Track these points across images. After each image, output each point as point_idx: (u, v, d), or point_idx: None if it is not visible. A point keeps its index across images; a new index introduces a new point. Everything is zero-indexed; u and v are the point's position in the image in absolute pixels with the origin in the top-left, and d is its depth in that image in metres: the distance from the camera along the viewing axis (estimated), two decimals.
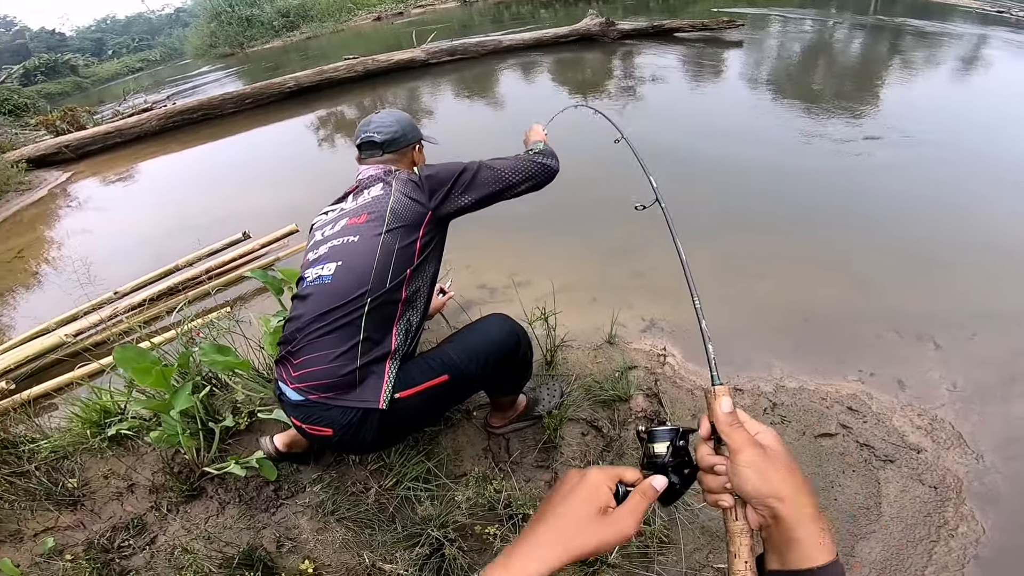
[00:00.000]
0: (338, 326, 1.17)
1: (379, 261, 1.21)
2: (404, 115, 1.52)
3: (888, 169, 3.28)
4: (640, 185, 1.16)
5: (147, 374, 1.48)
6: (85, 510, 1.57)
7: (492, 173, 1.36)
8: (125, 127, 6.83)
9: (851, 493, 1.50)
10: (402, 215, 1.27)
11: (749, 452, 0.51)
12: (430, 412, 1.32)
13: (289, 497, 1.54)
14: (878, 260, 2.47)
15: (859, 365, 1.90)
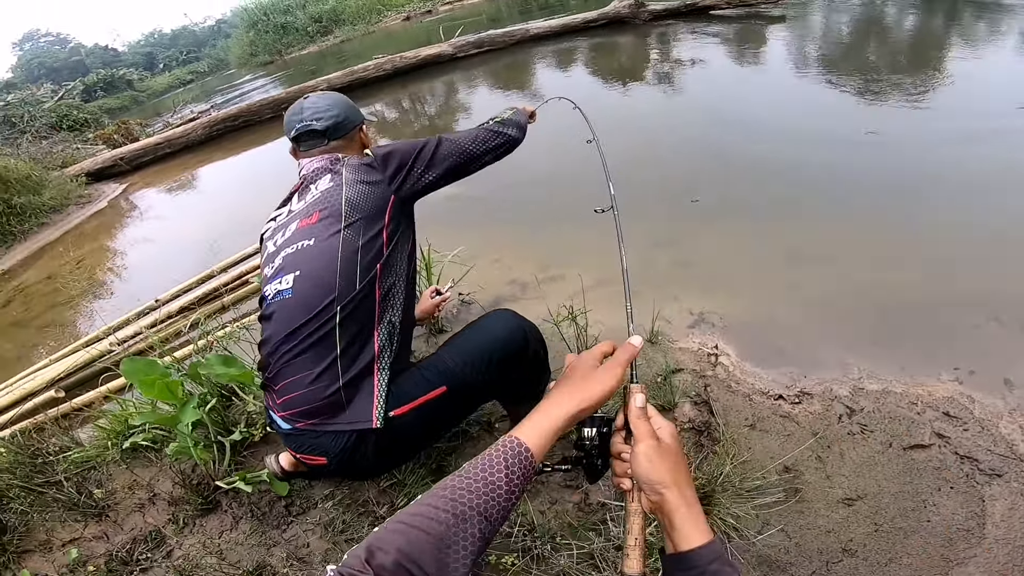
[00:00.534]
0: (310, 343, 1.04)
1: (343, 261, 1.07)
2: (340, 96, 1.38)
3: (962, 144, 2.87)
4: (690, 174, 0.99)
5: (152, 387, 1.47)
6: (109, 521, 1.57)
7: (453, 146, 1.27)
8: (173, 137, 7.11)
9: (947, 513, 1.27)
10: (361, 205, 1.14)
11: (647, 442, 0.60)
12: (433, 429, 1.18)
13: (300, 514, 1.49)
14: (966, 240, 2.14)
15: (955, 362, 1.61)
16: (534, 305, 2.14)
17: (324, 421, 1.04)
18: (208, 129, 7.11)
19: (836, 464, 1.39)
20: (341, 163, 1.24)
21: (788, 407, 1.56)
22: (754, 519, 1.28)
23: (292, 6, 20.86)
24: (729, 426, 1.51)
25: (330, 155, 1.29)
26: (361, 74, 7.31)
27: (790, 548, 1.26)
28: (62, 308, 3.52)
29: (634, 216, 2.72)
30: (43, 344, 3.03)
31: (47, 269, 4.35)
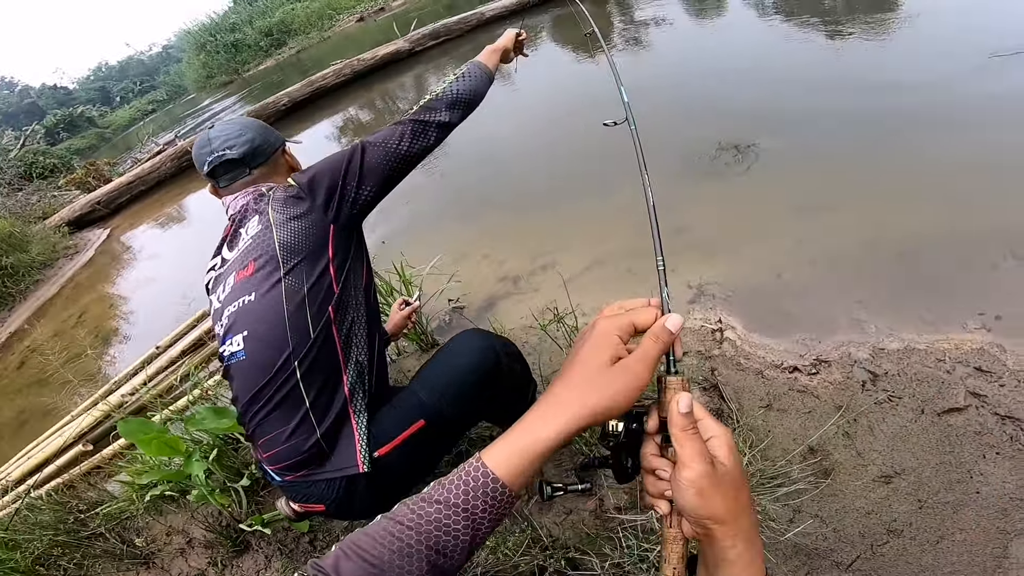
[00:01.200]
0: (276, 402, 0.99)
1: (291, 315, 0.99)
2: (250, 119, 1.25)
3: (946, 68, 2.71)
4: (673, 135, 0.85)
5: (150, 445, 1.51)
6: (156, 567, 1.66)
7: (380, 151, 1.11)
8: (144, 173, 6.98)
9: (997, 482, 1.17)
10: (296, 245, 1.03)
11: (696, 468, 0.44)
12: (420, 462, 1.12)
13: (324, 547, 1.51)
14: (967, 171, 2.00)
15: (977, 307, 1.49)
16: (528, 300, 2.04)
17: (312, 472, 1.02)
18: (176, 161, 6.98)
19: (866, 439, 1.29)
20: (265, 198, 1.11)
21: (805, 379, 1.45)
22: (783, 509, 1.20)
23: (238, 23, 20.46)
24: (743, 411, 1.41)
25: (254, 188, 1.17)
26: (321, 83, 7.11)
27: (827, 535, 1.18)
28: (72, 364, 3.49)
29: (621, 183, 2.65)
30: (67, 398, 3.06)
31: (51, 326, 4.36)
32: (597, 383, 0.47)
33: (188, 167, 6.93)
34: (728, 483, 0.45)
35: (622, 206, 2.47)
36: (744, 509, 0.46)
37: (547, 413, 0.47)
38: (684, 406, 0.46)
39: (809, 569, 1.13)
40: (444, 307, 2.21)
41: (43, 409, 3.06)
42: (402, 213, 3.24)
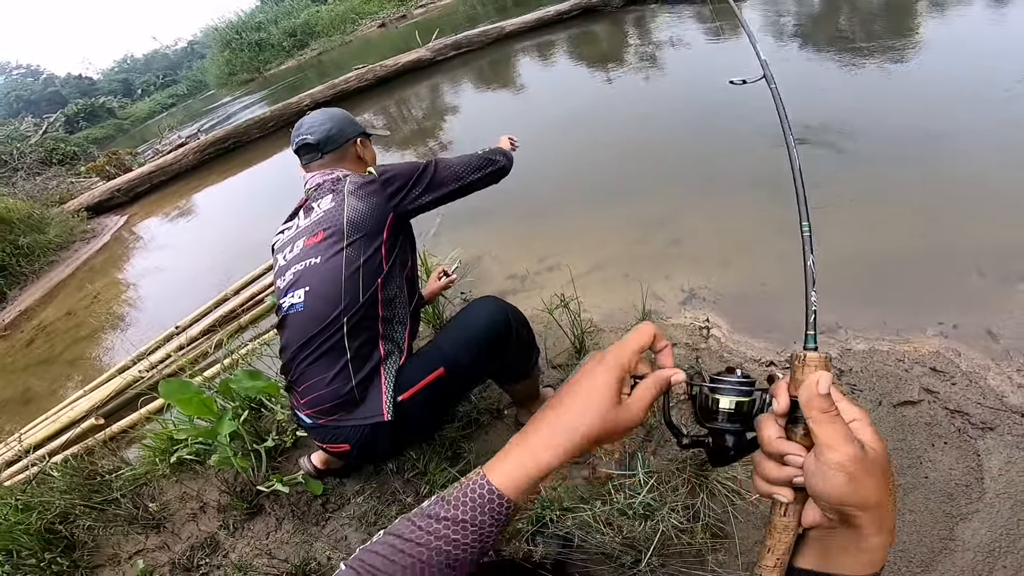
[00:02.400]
0: (324, 351, 1.18)
1: (347, 279, 1.19)
2: (338, 111, 1.45)
3: (944, 102, 2.92)
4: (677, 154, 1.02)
5: (190, 404, 1.62)
6: (167, 531, 1.71)
7: (449, 172, 1.34)
8: (165, 164, 7.15)
9: (944, 469, 1.31)
10: (360, 224, 1.23)
11: (846, 452, 0.41)
12: (437, 408, 1.29)
13: (336, 510, 1.60)
14: (946, 193, 2.19)
15: (938, 316, 1.66)
16: (535, 295, 2.20)
17: (343, 417, 1.18)
18: (199, 154, 7.15)
19: None
20: (343, 182, 1.30)
21: (780, 373, 1.60)
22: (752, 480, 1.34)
23: (264, 22, 20.82)
24: None
25: (329, 171, 1.36)
26: (343, 86, 7.34)
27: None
28: (85, 342, 3.61)
29: (626, 198, 2.83)
30: (74, 378, 3.15)
31: (65, 306, 4.45)
32: (605, 415, 0.48)
33: (210, 160, 7.12)
34: (879, 468, 0.42)
35: (622, 215, 2.66)
36: (889, 496, 0.43)
37: (553, 436, 0.48)
38: (824, 386, 0.43)
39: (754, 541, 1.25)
40: (457, 298, 2.38)
41: (50, 388, 3.14)
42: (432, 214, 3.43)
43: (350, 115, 1.46)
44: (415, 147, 4.90)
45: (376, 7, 19.32)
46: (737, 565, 1.22)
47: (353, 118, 1.45)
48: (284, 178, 5.92)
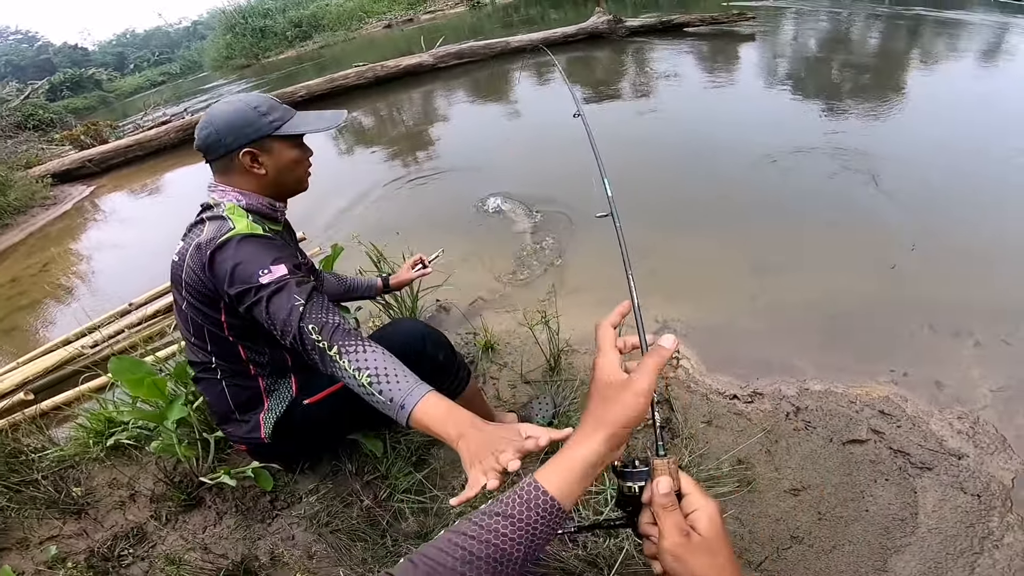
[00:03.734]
0: (202, 376, 1.23)
1: (196, 333, 1.17)
2: (232, 107, 1.09)
3: (913, 162, 3.12)
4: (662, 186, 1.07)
5: (140, 385, 1.50)
6: (89, 518, 1.59)
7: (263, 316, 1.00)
8: (145, 140, 6.98)
9: (884, 503, 1.39)
10: (194, 290, 1.08)
11: (672, 540, 0.52)
12: (346, 415, 1.27)
13: (285, 508, 1.54)
14: (907, 252, 2.32)
15: (891, 364, 1.76)
16: (507, 310, 2.21)
17: (230, 432, 1.27)
18: (182, 132, 7.01)
19: (783, 457, 1.51)
20: (200, 232, 1.08)
21: (741, 406, 1.68)
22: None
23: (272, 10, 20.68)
24: (688, 422, 1.62)
25: (212, 187, 1.16)
26: (342, 82, 7.34)
27: (744, 535, 1.36)
28: (26, 311, 3.44)
29: (601, 225, 2.85)
30: (5, 350, 2.97)
31: (10, 272, 4.24)
32: (612, 400, 0.55)
33: (191, 140, 6.94)
34: (704, 550, 0.51)
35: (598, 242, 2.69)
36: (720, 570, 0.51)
37: (582, 432, 0.55)
38: (663, 489, 0.54)
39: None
40: (432, 304, 2.37)
41: None
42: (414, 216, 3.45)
43: (252, 109, 1.09)
44: (393, 151, 4.90)
45: (385, 7, 19.45)
46: None
47: (256, 114, 1.09)
48: None
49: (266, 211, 1.17)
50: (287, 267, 1.02)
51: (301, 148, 1.19)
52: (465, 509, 1.37)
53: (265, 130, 1.09)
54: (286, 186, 1.19)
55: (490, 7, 16.95)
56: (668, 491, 0.54)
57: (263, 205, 1.16)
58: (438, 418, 0.86)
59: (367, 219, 3.56)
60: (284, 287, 0.99)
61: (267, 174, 1.13)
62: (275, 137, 1.11)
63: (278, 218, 1.22)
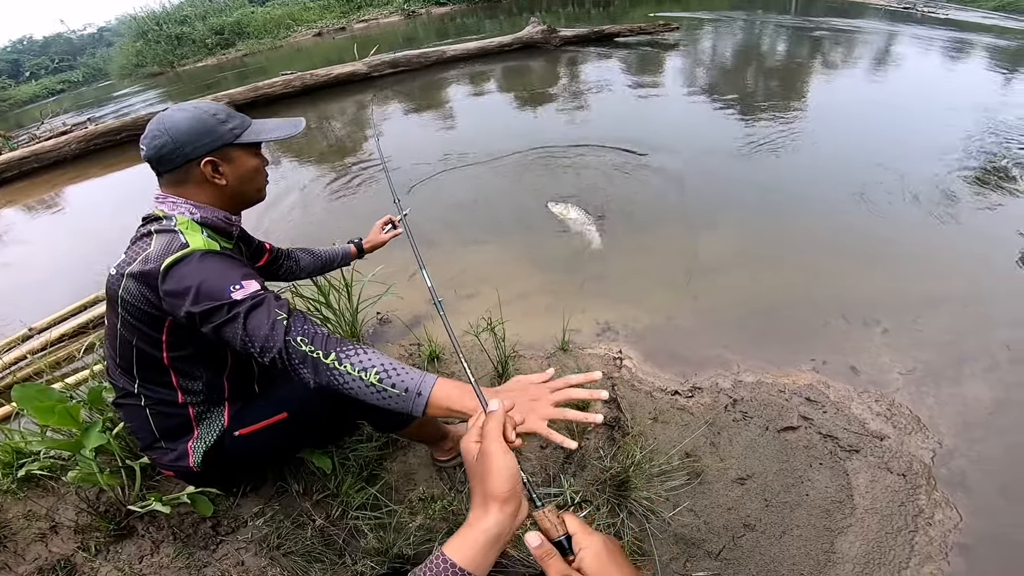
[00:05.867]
0: (125, 402, 1.14)
1: (124, 358, 1.08)
2: (188, 114, 1.02)
3: (820, 165, 3.41)
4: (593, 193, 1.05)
5: (50, 413, 1.39)
6: (8, 552, 1.48)
7: (236, 331, 0.91)
8: (42, 151, 6.29)
9: (822, 487, 1.47)
10: (132, 310, 0.99)
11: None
12: (282, 448, 1.22)
13: (229, 533, 1.45)
14: (819, 251, 2.53)
15: (811, 354, 1.90)
16: (452, 319, 2.15)
17: (155, 459, 1.18)
18: (84, 143, 6.37)
19: (727, 448, 1.57)
20: (143, 247, 1.00)
21: (683, 400, 1.74)
22: (665, 501, 1.42)
23: (190, 16, 19.37)
24: (636, 420, 1.66)
25: (162, 198, 1.07)
26: (267, 90, 6.95)
27: (700, 526, 1.40)
28: None
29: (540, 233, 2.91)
30: None
31: None
32: (483, 472, 0.61)
33: (97, 151, 6.38)
34: None
35: (539, 250, 2.74)
36: None
37: (476, 509, 0.60)
38: (531, 543, 0.58)
39: (688, 556, 1.33)
40: (373, 318, 2.28)
41: None
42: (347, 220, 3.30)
43: (211, 116, 1.03)
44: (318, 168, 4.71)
45: (316, 16, 18.79)
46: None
47: (215, 122, 1.03)
48: None
49: (221, 225, 1.10)
50: (258, 283, 0.96)
51: (260, 157, 1.14)
52: (426, 521, 1.36)
53: (227, 138, 1.04)
54: (246, 196, 1.14)
55: (425, 17, 16.89)
56: (537, 544, 0.58)
57: (219, 219, 1.09)
58: (456, 396, 0.87)
59: (288, 229, 3.37)
60: (262, 303, 0.93)
61: (228, 184, 1.08)
62: (235, 145, 1.06)
63: (232, 233, 1.15)
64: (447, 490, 1.47)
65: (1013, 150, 3.32)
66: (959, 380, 1.77)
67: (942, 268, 2.34)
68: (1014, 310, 2.04)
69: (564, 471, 1.49)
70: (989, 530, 1.35)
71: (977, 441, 1.57)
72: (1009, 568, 1.30)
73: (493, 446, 0.62)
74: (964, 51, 6.40)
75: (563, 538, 0.59)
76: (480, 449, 0.63)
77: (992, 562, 1.30)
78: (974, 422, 1.63)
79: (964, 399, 1.70)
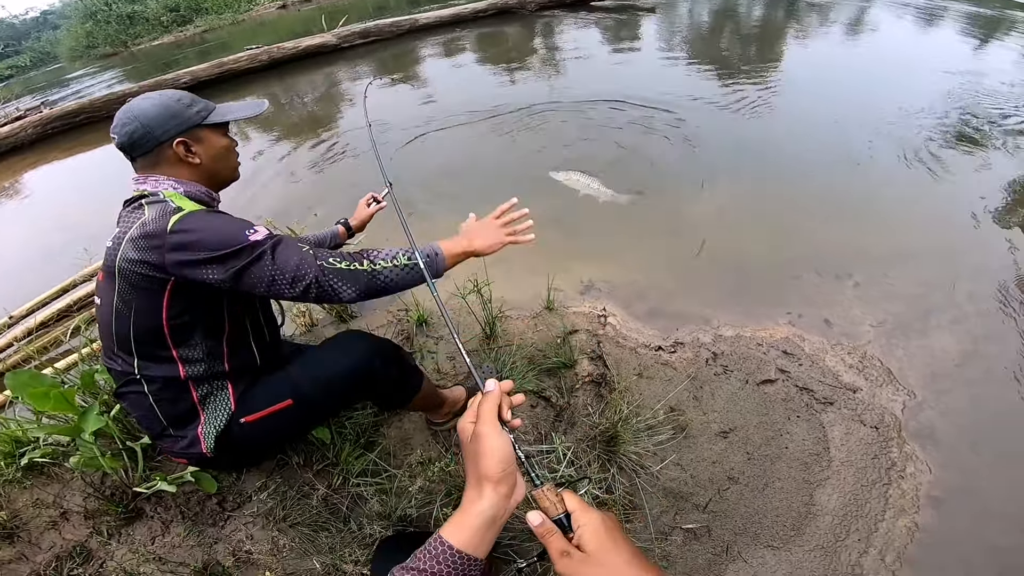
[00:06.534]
0: (127, 390, 1.10)
1: (121, 335, 1.05)
2: (154, 100, 1.07)
3: (795, 127, 3.43)
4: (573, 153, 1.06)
5: (45, 399, 1.40)
6: (23, 542, 1.48)
7: (267, 271, 0.96)
8: None
9: (800, 440, 1.53)
10: (131, 279, 0.99)
11: (558, 564, 0.57)
12: (285, 432, 1.20)
13: (236, 508, 1.47)
14: (793, 209, 2.59)
15: (787, 308, 1.97)
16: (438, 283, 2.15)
17: (166, 446, 1.14)
18: (41, 127, 6.08)
19: (709, 402, 1.64)
20: (138, 217, 1.01)
21: (667, 356, 1.80)
22: (653, 455, 1.48)
23: None
24: (621, 376, 1.71)
25: (143, 177, 1.10)
26: (232, 66, 6.67)
27: (687, 480, 1.46)
28: None
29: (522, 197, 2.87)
30: None
31: None
32: (477, 453, 0.62)
33: (55, 134, 6.11)
34: (591, 564, 0.56)
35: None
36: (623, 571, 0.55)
37: (471, 490, 0.61)
38: (532, 522, 0.59)
39: (677, 509, 1.40)
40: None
41: None
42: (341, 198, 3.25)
43: (176, 102, 1.08)
44: (292, 142, 4.58)
45: None
46: (650, 533, 1.34)
47: (181, 106, 1.08)
48: None
49: (204, 199, 1.13)
50: (267, 228, 1.02)
51: (228, 137, 1.19)
52: (425, 483, 1.39)
53: (194, 120, 1.10)
54: (220, 175, 1.18)
55: None
56: (539, 523, 0.59)
57: (201, 193, 1.13)
58: (454, 245, 1.13)
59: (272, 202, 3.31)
60: (282, 240, 1.00)
61: (201, 163, 1.13)
62: (203, 126, 1.12)
63: (215, 208, 1.16)
64: (443, 451, 1.51)
65: (983, 115, 3.39)
66: (927, 332, 1.84)
67: (912, 224, 2.42)
68: (979, 264, 2.12)
69: (555, 428, 1.54)
70: (958, 483, 1.42)
71: (945, 392, 1.64)
72: (978, 521, 1.36)
73: (487, 427, 0.62)
74: (941, 18, 6.42)
75: (562, 516, 0.60)
76: (474, 430, 0.63)
77: (962, 517, 1.36)
78: (942, 373, 1.70)
79: (932, 351, 1.77)
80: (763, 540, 1.35)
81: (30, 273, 3.04)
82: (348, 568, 1.28)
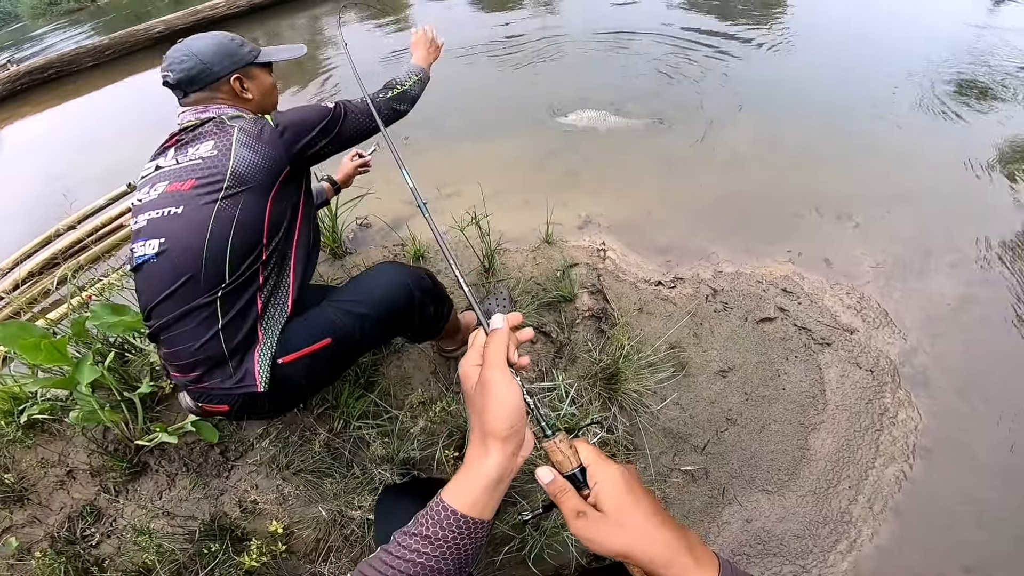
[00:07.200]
0: (189, 314, 1.03)
1: (217, 238, 1.02)
2: (210, 39, 1.21)
3: (803, 69, 3.30)
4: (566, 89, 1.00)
5: (36, 350, 1.36)
6: (33, 504, 1.47)
7: (356, 122, 1.24)
8: None
9: (797, 381, 1.54)
10: (248, 177, 1.06)
11: (572, 525, 0.51)
12: (323, 373, 1.18)
13: (239, 458, 1.46)
14: (796, 148, 2.53)
15: (787, 246, 1.95)
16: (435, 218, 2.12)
17: (215, 385, 1.06)
18: (10, 84, 5.81)
19: (708, 339, 1.64)
20: (229, 129, 1.10)
21: (667, 291, 1.80)
22: (653, 394, 1.49)
23: None
24: (622, 311, 1.70)
25: (202, 108, 1.19)
26: (208, 13, 6.29)
27: (686, 420, 1.47)
28: None
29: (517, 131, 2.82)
30: None
31: None
32: (481, 405, 0.54)
33: (24, 90, 5.83)
34: (608, 525, 0.50)
35: (517, 146, 2.67)
36: (647, 530, 0.49)
37: (475, 447, 0.55)
38: (542, 479, 0.54)
39: (676, 451, 1.41)
40: (352, 223, 2.22)
41: None
42: None
43: (230, 41, 1.23)
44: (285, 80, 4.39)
45: None
46: (651, 474, 1.36)
47: (235, 46, 1.23)
48: (115, 109, 4.97)
49: None
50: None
51: (272, 76, 1.33)
52: (427, 424, 1.39)
53: (247, 58, 1.24)
54: (265, 109, 1.29)
55: None
56: (550, 480, 0.54)
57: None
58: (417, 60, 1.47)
59: None
60: (342, 102, 1.23)
61: (253, 99, 1.26)
62: (255, 64, 1.26)
63: None
64: (444, 390, 1.50)
65: (993, 66, 3.29)
66: (925, 274, 1.84)
67: (916, 167, 2.37)
68: (984, 211, 2.09)
69: (555, 365, 1.54)
70: (947, 433, 1.44)
71: (939, 336, 1.64)
72: (963, 472, 1.38)
73: (494, 373, 0.54)
74: None
75: (576, 471, 0.53)
76: (480, 376, 0.55)
77: (948, 467, 1.38)
78: (937, 316, 1.70)
79: (928, 293, 1.77)
80: (758, 484, 1.37)
81: (13, 225, 2.94)
82: (355, 514, 1.28)
